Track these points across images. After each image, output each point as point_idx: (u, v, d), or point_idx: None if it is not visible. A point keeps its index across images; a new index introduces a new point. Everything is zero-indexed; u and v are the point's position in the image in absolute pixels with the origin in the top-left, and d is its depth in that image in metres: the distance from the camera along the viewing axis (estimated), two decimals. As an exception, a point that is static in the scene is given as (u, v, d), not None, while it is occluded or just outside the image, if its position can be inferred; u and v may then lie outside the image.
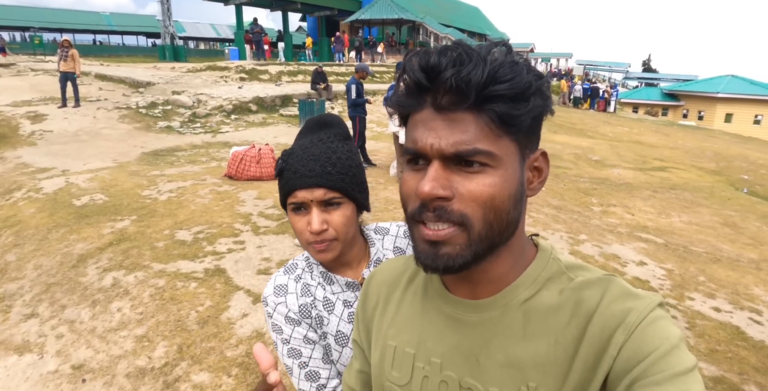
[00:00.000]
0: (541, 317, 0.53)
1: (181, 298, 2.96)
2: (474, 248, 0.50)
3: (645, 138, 14.57)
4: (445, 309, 0.58)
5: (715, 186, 8.52)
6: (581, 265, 0.56)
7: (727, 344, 3.03)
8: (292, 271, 0.93)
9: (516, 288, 0.55)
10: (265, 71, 15.62)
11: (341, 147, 0.86)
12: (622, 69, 45.85)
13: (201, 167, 6.35)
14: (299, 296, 0.89)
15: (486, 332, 0.55)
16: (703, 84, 32.18)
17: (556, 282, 0.55)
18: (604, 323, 0.49)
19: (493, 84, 0.46)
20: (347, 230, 0.84)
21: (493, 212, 0.49)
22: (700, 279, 4.00)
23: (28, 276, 3.44)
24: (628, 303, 0.50)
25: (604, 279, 0.53)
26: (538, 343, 0.52)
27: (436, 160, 0.49)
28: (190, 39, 39.33)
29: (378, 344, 0.65)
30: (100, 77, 14.03)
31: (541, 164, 0.55)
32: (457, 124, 0.48)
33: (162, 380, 2.32)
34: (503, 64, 0.47)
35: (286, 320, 0.88)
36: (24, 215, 4.51)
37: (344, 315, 0.90)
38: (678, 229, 5.62)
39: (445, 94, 0.48)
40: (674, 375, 0.44)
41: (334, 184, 0.81)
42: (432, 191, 0.48)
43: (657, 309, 0.49)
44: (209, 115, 10.22)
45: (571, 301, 0.52)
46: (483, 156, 0.48)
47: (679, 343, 0.47)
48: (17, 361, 2.59)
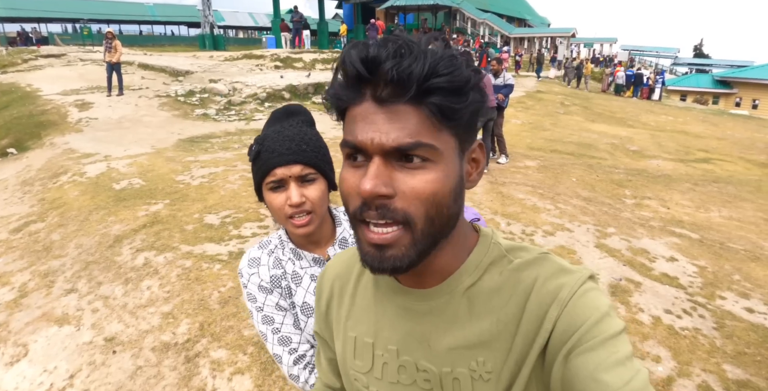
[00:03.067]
0: (484, 299, 0.56)
1: (205, 279, 3.11)
2: (418, 246, 0.50)
3: (690, 128, 13.80)
4: (396, 299, 0.61)
5: (764, 180, 8.01)
6: (521, 246, 0.59)
7: (757, 347, 2.90)
8: (265, 246, 1.01)
9: (460, 276, 0.57)
10: (299, 59, 15.78)
11: (310, 131, 0.93)
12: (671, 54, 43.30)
13: (233, 154, 6.55)
14: (271, 268, 0.97)
15: (434, 318, 0.58)
16: (759, 70, 29.95)
17: (497, 265, 0.57)
18: (540, 300, 0.52)
19: (434, 77, 0.46)
20: (322, 204, 0.91)
21: (435, 208, 0.49)
22: (734, 278, 3.81)
23: (70, 254, 3.70)
24: (561, 279, 0.53)
25: (540, 257, 0.56)
26: (482, 323, 0.55)
27: (377, 157, 0.48)
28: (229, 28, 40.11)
29: (339, 336, 0.68)
30: (142, 66, 14.60)
31: (477, 155, 0.56)
32: (398, 116, 0.47)
33: (184, 355, 2.47)
34: (443, 57, 0.47)
35: (260, 288, 0.96)
36: (69, 197, 4.82)
37: (310, 288, 0.98)
38: (716, 224, 5.35)
39: (386, 86, 0.47)
40: (605, 339, 0.48)
41: (309, 161, 0.88)
42: (374, 190, 0.47)
43: (587, 282, 0.53)
44: (244, 103, 10.47)
45: (510, 281, 0.55)
46: (424, 150, 0.47)
47: (609, 310, 0.51)
48: (57, 331, 2.81)
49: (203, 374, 2.32)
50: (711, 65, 42.37)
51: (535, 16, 42.09)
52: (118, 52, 9.93)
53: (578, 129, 11.20)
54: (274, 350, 0.95)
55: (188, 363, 2.40)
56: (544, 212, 4.87)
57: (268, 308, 0.95)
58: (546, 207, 5.02)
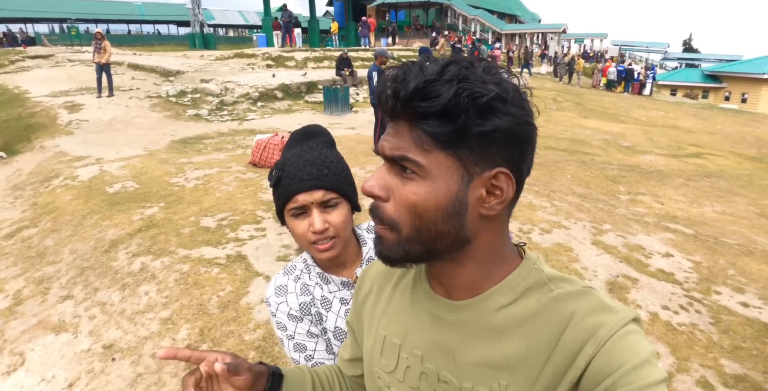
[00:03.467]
0: (518, 322, 0.55)
1: (203, 283, 3.09)
2: (404, 248, 0.54)
3: (681, 122, 13.92)
4: (428, 306, 0.62)
5: (755, 174, 8.10)
6: (564, 277, 0.59)
7: (753, 342, 2.93)
8: (291, 272, 0.99)
9: (493, 294, 0.57)
10: (291, 58, 15.69)
11: (330, 152, 0.91)
12: (661, 49, 43.60)
13: (227, 155, 6.51)
14: (299, 295, 0.95)
15: (463, 331, 0.58)
16: (748, 64, 30.27)
17: (536, 292, 0.57)
18: (576, 335, 0.51)
19: (418, 100, 0.49)
20: (345, 228, 0.89)
21: (418, 218, 0.52)
22: (729, 272, 3.85)
23: (65, 260, 3.66)
24: (601, 317, 0.51)
25: (582, 291, 0.55)
26: (512, 345, 0.55)
27: (384, 162, 0.54)
28: (219, 26, 39.78)
29: (371, 332, 0.69)
30: (132, 67, 14.44)
31: (501, 184, 0.53)
32: (398, 132, 0.53)
33: (184, 361, 2.45)
34: (433, 81, 0.48)
35: (289, 317, 0.94)
36: (61, 201, 4.76)
37: (341, 312, 0.95)
38: (710, 219, 5.40)
39: (388, 105, 0.53)
40: (642, 387, 0.46)
41: (331, 185, 0.86)
42: (369, 190, 0.54)
43: (630, 324, 0.51)
44: (236, 103, 10.40)
45: (547, 310, 0.55)
46: (411, 164, 0.51)
47: (650, 357, 0.48)
48: (54, 339, 2.78)
49: (205, 380, 2.31)
50: (700, 60, 42.75)
51: (526, 12, 42.16)
52: (107, 52, 9.81)
53: (571, 125, 11.26)
54: None
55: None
56: (540, 209, 4.89)
57: (300, 336, 0.94)
58: (542, 204, 5.04)
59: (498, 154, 0.51)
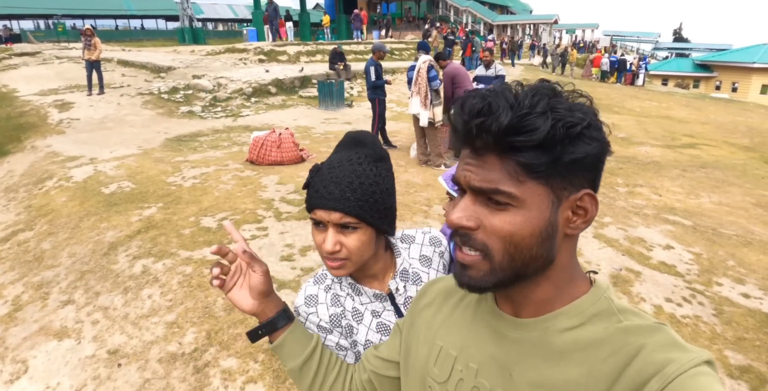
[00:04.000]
0: (581, 347, 0.55)
1: (207, 285, 3.05)
2: (497, 275, 0.54)
3: (674, 113, 13.99)
4: (491, 321, 0.63)
5: (748, 163, 8.17)
6: (635, 311, 0.57)
7: (756, 332, 2.97)
8: (321, 281, 0.95)
9: (559, 315, 0.57)
10: (283, 52, 15.53)
11: (368, 170, 0.84)
12: (651, 39, 43.70)
13: (223, 152, 6.44)
14: (329, 306, 0.92)
15: (523, 349, 0.58)
16: (738, 54, 30.44)
17: (603, 320, 0.56)
18: (642, 368, 0.49)
19: (513, 135, 0.49)
20: (361, 253, 0.85)
21: (513, 246, 0.53)
22: (729, 263, 3.89)
23: (64, 264, 3.60)
24: (672, 354, 0.50)
25: (654, 327, 0.54)
26: (572, 371, 0.54)
27: (468, 192, 0.55)
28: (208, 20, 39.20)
29: (426, 341, 0.70)
30: (122, 63, 14.21)
31: (586, 205, 0.55)
32: (485, 164, 0.53)
33: (192, 365, 2.43)
34: (526, 115, 0.49)
35: (319, 328, 0.92)
36: (56, 203, 4.68)
37: (372, 325, 0.92)
38: (707, 210, 5.44)
39: (475, 139, 0.52)
40: None
41: (351, 211, 0.81)
42: (457, 222, 0.54)
43: (702, 366, 0.48)
44: (230, 99, 10.28)
45: (614, 340, 0.53)
46: (504, 197, 0.52)
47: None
48: (57, 346, 2.73)
49: (215, 384, 2.29)
50: (691, 49, 42.91)
51: (517, 3, 41.99)
52: (97, 49, 9.63)
53: None
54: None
55: (198, 374, 2.36)
56: (540, 203, 4.89)
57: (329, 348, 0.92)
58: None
59: (583, 177, 0.54)
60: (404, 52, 19.88)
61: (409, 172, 5.70)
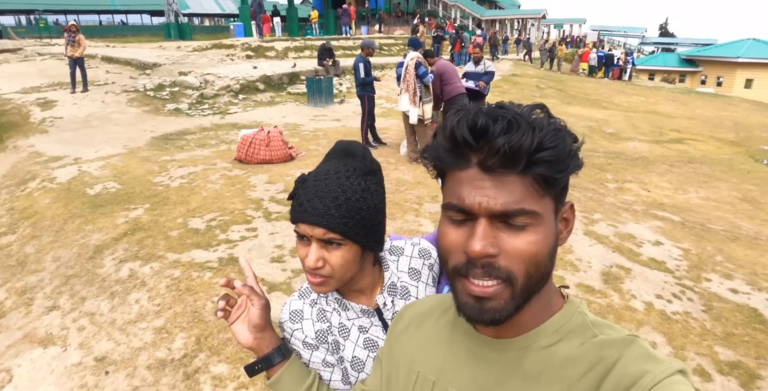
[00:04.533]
0: (558, 365, 0.55)
1: (196, 288, 3.00)
2: (516, 301, 0.53)
3: (661, 108, 14.13)
4: (468, 344, 0.62)
5: (734, 158, 8.28)
6: (608, 324, 0.58)
7: (744, 328, 3.00)
8: (306, 295, 0.92)
9: (537, 334, 0.57)
10: (271, 48, 15.36)
11: (356, 184, 0.80)
12: (638, 34, 44.03)
13: (211, 151, 6.34)
14: (315, 322, 0.89)
15: (503, 370, 0.57)
16: (722, 48, 30.83)
17: (578, 335, 0.56)
18: (618, 381, 0.50)
19: (540, 151, 0.49)
20: (344, 271, 0.81)
21: (534, 266, 0.52)
22: (717, 259, 3.93)
23: (48, 268, 3.52)
24: (646, 365, 0.50)
25: (627, 339, 0.54)
26: (551, 389, 0.54)
27: (484, 218, 0.52)
28: (194, 15, 38.58)
29: (404, 368, 0.69)
30: (106, 60, 13.93)
31: (569, 215, 0.58)
32: (504, 185, 0.51)
33: (182, 372, 2.38)
34: (549, 131, 0.50)
35: (304, 345, 0.89)
36: (40, 205, 4.57)
37: (359, 341, 0.90)
38: (695, 205, 5.50)
39: (494, 157, 0.50)
40: None
41: (335, 227, 0.77)
42: (483, 250, 0.50)
43: (676, 375, 0.49)
44: (217, 96, 10.14)
45: (590, 355, 0.54)
46: (527, 216, 0.51)
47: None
48: (42, 353, 2.67)
49: (205, 390, 2.25)
50: (676, 44, 43.34)
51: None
52: (81, 46, 9.40)
53: (555, 112, 10.92)
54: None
55: (188, 380, 2.32)
56: (531, 200, 4.90)
57: (315, 365, 0.89)
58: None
59: (567, 188, 0.56)
60: (393, 48, 19.79)
61: (400, 169, 5.67)
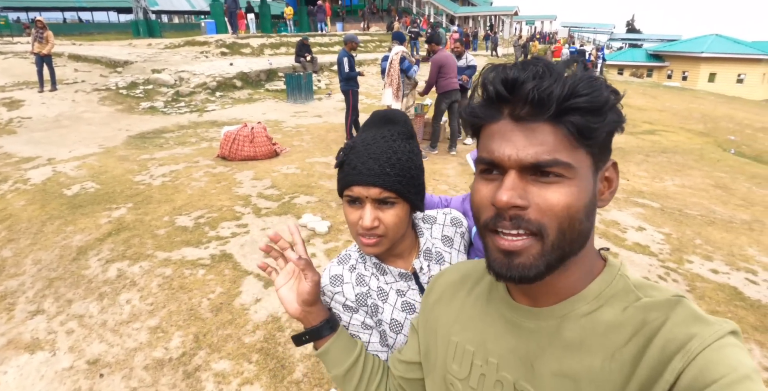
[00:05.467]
0: (601, 332, 0.52)
1: (190, 286, 2.93)
2: (547, 257, 0.50)
3: (633, 101, 14.54)
4: (506, 313, 0.60)
5: (704, 148, 8.61)
6: (652, 285, 0.55)
7: (727, 305, 3.13)
8: (345, 261, 0.95)
9: (577, 301, 0.55)
10: (246, 45, 15.09)
11: (403, 147, 0.85)
12: (607, 30, 45.23)
13: (191, 149, 6.20)
14: (355, 286, 0.92)
15: (542, 339, 0.56)
16: (687, 44, 32.00)
17: (621, 299, 0.54)
18: (664, 346, 0.47)
19: (574, 97, 0.47)
20: (397, 229, 0.85)
21: (567, 221, 0.50)
22: (696, 242, 4.08)
23: (28, 272, 3.38)
24: (693, 328, 0.47)
25: (673, 300, 0.51)
26: (594, 357, 0.52)
27: (513, 171, 0.50)
28: (163, 13, 37.55)
29: (442, 338, 0.68)
30: (74, 58, 13.41)
31: (611, 175, 0.56)
32: (535, 134, 0.49)
33: (182, 370, 2.33)
34: (582, 78, 0.48)
35: (344, 307, 0.91)
36: (14, 208, 4.38)
37: (398, 304, 0.92)
38: (672, 192, 5.69)
39: (525, 105, 0.49)
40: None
41: (391, 186, 0.81)
42: (510, 200, 0.49)
43: (727, 337, 0.47)
44: (193, 94, 9.91)
45: (634, 320, 0.51)
46: (561, 167, 0.49)
47: (750, 373, 0.43)
48: (29, 359, 2.56)
49: (208, 388, 2.20)
50: (643, 40, 44.72)
51: (478, -6, 42.35)
52: (50, 43, 9.01)
53: None
54: None
55: (189, 379, 2.27)
56: (517, 191, 4.98)
57: (354, 328, 0.92)
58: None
59: (610, 146, 0.54)
60: (369, 44, 19.73)
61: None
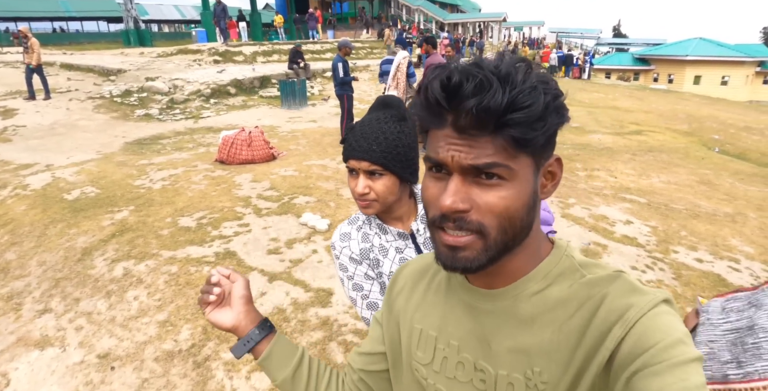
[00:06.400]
0: (549, 308, 0.56)
1: (196, 282, 3.02)
2: (490, 252, 0.53)
3: (620, 103, 14.85)
4: (464, 297, 0.63)
5: (690, 147, 8.84)
6: (595, 263, 0.60)
7: (711, 290, 3.28)
8: (354, 222, 1.13)
9: (528, 281, 0.59)
10: (239, 53, 15.21)
11: (393, 127, 1.01)
12: (594, 35, 45.99)
13: (189, 154, 6.28)
14: (360, 242, 1.09)
15: (497, 319, 0.59)
16: (672, 47, 32.69)
17: (567, 277, 0.58)
18: (606, 317, 0.51)
19: (511, 112, 0.48)
20: (386, 196, 1.02)
21: (507, 220, 0.53)
22: (682, 234, 4.24)
23: (33, 273, 3.44)
24: (631, 298, 0.51)
25: (613, 275, 0.56)
26: (544, 332, 0.55)
27: (456, 174, 0.52)
28: (153, 22, 37.62)
29: (406, 326, 0.70)
30: (66, 67, 13.45)
31: (555, 169, 0.58)
32: (476, 143, 0.51)
33: (192, 361, 2.41)
34: (522, 91, 0.49)
35: (350, 260, 1.08)
36: (15, 212, 4.43)
37: (396, 259, 1.08)
38: (658, 189, 5.87)
39: (466, 117, 0.50)
40: (674, 365, 0.45)
41: (376, 160, 0.98)
42: (453, 206, 0.51)
43: (661, 305, 0.50)
44: (187, 101, 9.99)
45: (579, 295, 0.55)
46: (499, 169, 0.51)
47: (683, 337, 0.47)
48: (40, 355, 2.63)
49: (218, 376, 2.29)
50: (629, 44, 45.55)
51: (467, 2, 42.94)
52: (35, 52, 9.02)
53: None
54: (363, 314, 1.09)
55: (199, 368, 2.35)
56: (509, 189, 5.12)
57: (358, 277, 1.08)
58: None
59: (553, 142, 0.55)
60: (360, 51, 19.94)
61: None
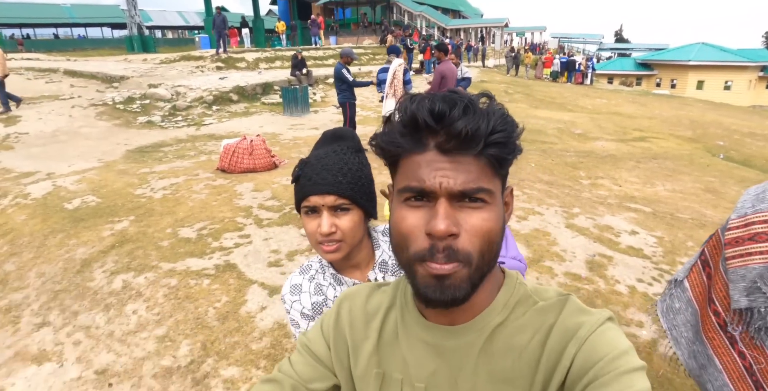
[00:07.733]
0: (509, 336, 0.58)
1: (196, 295, 2.98)
2: (473, 280, 0.54)
3: (623, 109, 14.81)
4: (423, 336, 0.61)
5: (694, 153, 8.79)
6: (544, 289, 0.63)
7: (721, 305, 3.21)
8: (306, 271, 1.03)
9: (490, 313, 0.59)
10: (241, 59, 15.26)
11: (353, 159, 0.93)
12: (596, 40, 46.06)
13: (191, 162, 6.26)
14: (312, 295, 1.00)
15: (463, 355, 0.59)
16: (674, 52, 32.68)
17: (522, 305, 0.60)
18: (560, 338, 0.55)
19: (494, 133, 0.52)
20: (354, 234, 0.92)
21: (488, 244, 0.53)
22: (688, 244, 4.18)
23: (32, 285, 3.40)
24: (580, 318, 0.56)
25: (562, 299, 0.59)
26: (506, 359, 0.57)
27: (443, 198, 0.52)
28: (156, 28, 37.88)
29: (366, 372, 0.66)
30: (69, 73, 13.51)
31: (509, 199, 0.61)
32: (462, 165, 0.52)
33: (190, 378, 2.36)
34: (499, 116, 0.53)
35: (302, 315, 0.99)
36: (15, 222, 4.41)
37: None
38: (663, 197, 5.82)
39: (452, 139, 0.52)
40: (620, 374, 0.49)
41: (344, 192, 0.89)
42: (448, 229, 0.51)
43: (606, 322, 0.55)
44: (190, 108, 10.00)
45: (534, 321, 0.58)
46: (484, 193, 0.53)
47: (628, 349, 0.52)
48: (37, 371, 2.58)
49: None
50: (632, 49, 45.57)
51: (469, 7, 43.12)
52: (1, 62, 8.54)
53: (525, 116, 11.69)
54: None
55: (198, 385, 2.31)
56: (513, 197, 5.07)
57: None
58: (514, 193, 5.22)
59: (507, 172, 0.58)
60: (363, 57, 19.99)
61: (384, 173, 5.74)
